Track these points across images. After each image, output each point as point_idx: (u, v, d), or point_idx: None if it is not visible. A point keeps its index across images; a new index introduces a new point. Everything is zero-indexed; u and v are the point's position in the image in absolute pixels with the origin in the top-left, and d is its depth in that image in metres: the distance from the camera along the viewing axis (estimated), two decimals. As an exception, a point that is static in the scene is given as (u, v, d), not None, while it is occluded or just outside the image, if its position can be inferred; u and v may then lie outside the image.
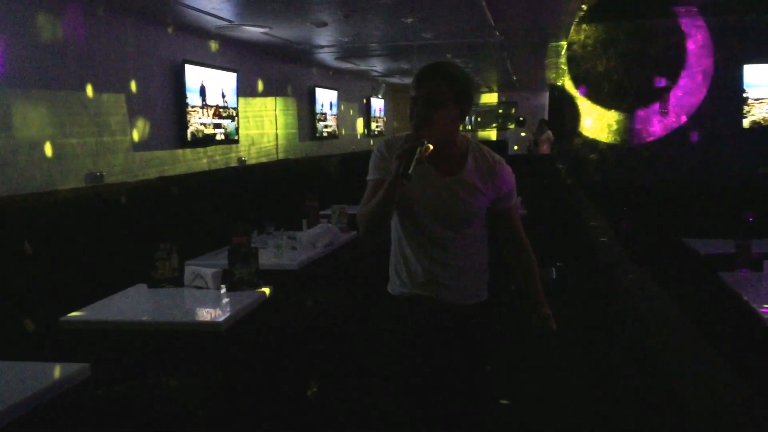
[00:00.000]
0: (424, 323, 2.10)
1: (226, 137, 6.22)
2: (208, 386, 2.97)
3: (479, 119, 16.04)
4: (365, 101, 11.45)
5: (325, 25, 5.88)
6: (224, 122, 6.19)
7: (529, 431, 2.88)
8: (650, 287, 2.83)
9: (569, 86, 8.14)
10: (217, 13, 5.10)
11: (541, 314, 2.15)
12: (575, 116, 8.07)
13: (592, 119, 8.00)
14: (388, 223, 2.05)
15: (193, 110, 5.63)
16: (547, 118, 11.93)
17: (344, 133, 10.23)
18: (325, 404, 3.04)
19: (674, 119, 7.77)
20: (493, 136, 15.76)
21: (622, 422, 2.32)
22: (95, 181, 4.37)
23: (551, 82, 12.43)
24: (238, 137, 6.49)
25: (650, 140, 7.85)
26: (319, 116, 8.99)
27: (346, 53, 8.13)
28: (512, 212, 2.16)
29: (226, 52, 6.41)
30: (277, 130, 7.81)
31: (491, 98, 16.05)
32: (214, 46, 6.23)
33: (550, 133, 11.05)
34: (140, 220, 4.22)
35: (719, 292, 3.40)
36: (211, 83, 5.91)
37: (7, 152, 3.73)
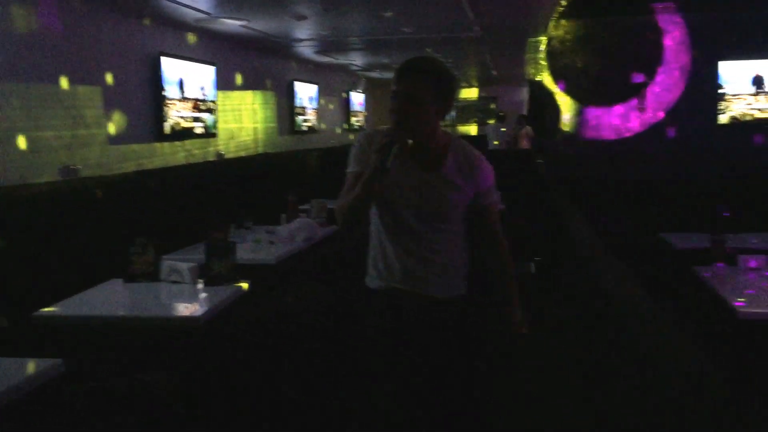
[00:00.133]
0: (404, 317, 2.10)
1: (205, 130, 6.17)
2: (185, 382, 2.94)
3: (459, 114, 16.09)
4: (345, 95, 11.42)
5: (304, 18, 5.85)
6: (203, 116, 6.14)
7: (520, 429, 2.89)
8: (628, 281, 2.86)
9: (548, 82, 8.18)
10: (194, 5, 5.05)
11: (513, 319, 2.14)
12: (554, 112, 8.12)
13: (570, 114, 8.05)
14: (365, 216, 2.06)
15: (171, 103, 5.57)
16: (526, 113, 11.98)
17: (324, 127, 10.19)
18: (304, 399, 3.03)
19: (651, 115, 7.85)
20: (473, 131, 15.82)
21: (613, 419, 2.33)
22: (70, 174, 4.31)
23: (531, 77, 12.46)
24: (216, 131, 6.44)
25: (628, 136, 7.92)
26: (298, 110, 8.95)
27: (325, 47, 8.10)
28: (490, 209, 2.15)
29: (204, 45, 6.36)
30: (256, 124, 7.77)
31: (471, 93, 16.11)
32: (192, 38, 6.17)
33: (529, 128, 11.09)
34: (116, 214, 4.17)
35: (695, 285, 3.45)
36: (189, 76, 5.85)
37: (-21, 145, 3.67)
